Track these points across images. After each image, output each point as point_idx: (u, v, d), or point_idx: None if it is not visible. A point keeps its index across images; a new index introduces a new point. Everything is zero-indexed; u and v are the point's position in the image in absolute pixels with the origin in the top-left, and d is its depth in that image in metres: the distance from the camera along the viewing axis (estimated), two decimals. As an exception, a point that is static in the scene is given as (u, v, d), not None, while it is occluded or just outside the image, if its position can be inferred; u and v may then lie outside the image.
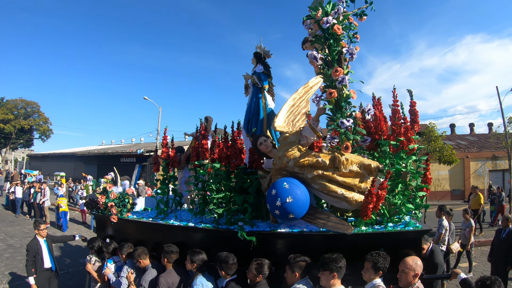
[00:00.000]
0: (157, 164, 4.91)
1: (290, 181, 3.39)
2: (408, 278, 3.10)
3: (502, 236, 6.60)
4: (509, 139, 17.90)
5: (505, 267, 6.28)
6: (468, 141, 28.27)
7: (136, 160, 30.83)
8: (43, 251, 5.64)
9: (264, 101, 5.02)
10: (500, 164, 23.97)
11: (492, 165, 24.39)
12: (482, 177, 24.22)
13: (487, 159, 24.36)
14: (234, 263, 3.46)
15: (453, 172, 23.71)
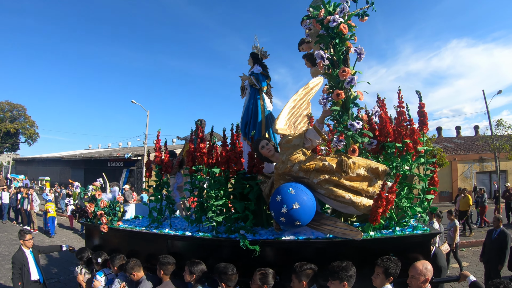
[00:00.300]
0: (150, 169, 4.64)
1: (296, 187, 3.21)
2: (419, 283, 3.00)
3: (493, 236, 6.68)
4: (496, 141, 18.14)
5: (497, 266, 6.34)
6: (455, 143, 28.67)
7: (124, 165, 30.38)
8: (29, 262, 5.30)
9: (262, 103, 4.83)
10: (487, 166, 24.36)
11: (479, 167, 24.73)
12: (469, 179, 24.50)
13: (474, 161, 24.70)
14: (234, 274, 3.24)
15: (440, 174, 23.59)
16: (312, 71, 5.09)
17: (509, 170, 23.05)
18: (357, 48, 3.47)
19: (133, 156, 29.36)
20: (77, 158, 36.62)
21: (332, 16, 3.40)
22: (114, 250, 4.54)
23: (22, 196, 15.10)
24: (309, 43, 4.88)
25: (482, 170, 24.74)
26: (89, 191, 4.84)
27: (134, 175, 29.28)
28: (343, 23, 3.43)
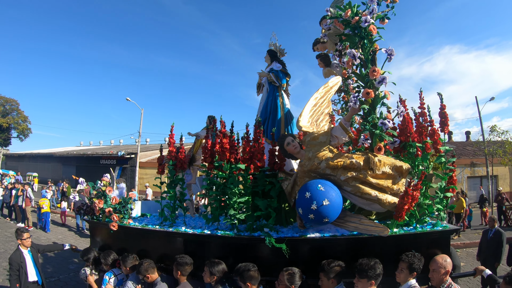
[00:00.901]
0: (162, 165, 4.51)
1: (324, 183, 3.21)
2: (440, 276, 3.10)
3: (489, 235, 7.05)
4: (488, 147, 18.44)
5: (494, 264, 6.65)
6: (446, 148, 28.99)
7: (117, 162, 30.26)
8: (27, 263, 5.07)
9: (281, 100, 4.81)
10: (478, 171, 24.71)
11: (470, 172, 25.06)
12: (461, 183, 24.79)
13: (465, 166, 25.00)
14: (256, 271, 3.19)
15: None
16: (325, 71, 5.11)
17: (499, 175, 23.43)
18: (387, 49, 3.49)
19: (126, 154, 29.35)
20: (69, 155, 36.49)
21: (364, 17, 3.45)
22: (122, 250, 4.41)
23: (16, 193, 14.68)
24: (324, 43, 4.91)
25: (473, 175, 25.10)
26: (99, 187, 4.69)
27: (127, 173, 29.23)
28: (373, 24, 3.45)
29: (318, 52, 5.17)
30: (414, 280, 3.02)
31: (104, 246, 4.80)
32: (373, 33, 3.51)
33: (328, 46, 5.03)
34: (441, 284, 3.09)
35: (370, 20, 3.44)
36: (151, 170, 29.18)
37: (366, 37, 3.54)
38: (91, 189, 4.80)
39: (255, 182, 3.77)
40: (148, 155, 32.02)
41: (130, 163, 29.28)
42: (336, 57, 5.01)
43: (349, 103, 3.71)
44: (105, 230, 4.68)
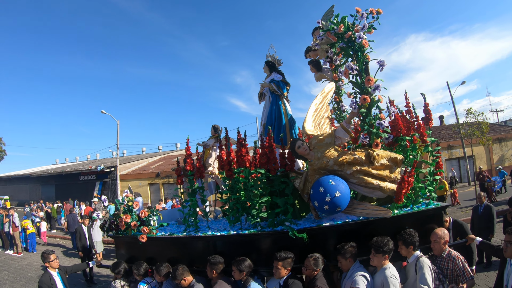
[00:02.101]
0: (181, 176, 4.91)
1: (334, 178, 3.76)
2: (440, 246, 3.73)
3: (480, 211, 7.74)
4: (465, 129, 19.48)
5: (488, 236, 7.31)
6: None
7: (96, 177, 30.11)
8: (57, 285, 5.20)
9: (284, 108, 5.36)
10: (455, 152, 25.96)
11: (448, 154, 26.26)
12: (440, 166, 25.91)
13: (442, 149, 26.15)
14: (293, 258, 3.71)
15: (412, 163, 25.26)
16: (317, 76, 5.69)
17: (476, 155, 24.66)
18: (379, 60, 4.08)
19: (105, 168, 29.20)
20: (47, 174, 35.89)
21: (357, 33, 4.03)
22: (151, 259, 4.79)
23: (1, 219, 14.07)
24: (315, 51, 5.48)
25: (451, 157, 26.35)
26: (124, 202, 5.05)
27: (108, 187, 29.04)
28: (365, 38, 4.04)
29: (310, 58, 5.73)
30: (418, 251, 3.61)
31: (131, 258, 5.08)
32: (366, 47, 4.09)
33: (319, 53, 5.59)
34: (442, 252, 3.74)
35: (363, 36, 4.03)
36: (132, 182, 29.22)
37: (359, 49, 4.13)
38: (118, 206, 5.11)
39: (272, 183, 4.26)
40: (127, 167, 31.93)
41: (110, 177, 29.21)
42: (327, 62, 5.60)
43: (349, 107, 4.29)
44: (131, 243, 5.02)
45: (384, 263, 3.45)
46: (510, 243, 3.52)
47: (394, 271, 3.42)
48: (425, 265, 3.44)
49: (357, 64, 4.16)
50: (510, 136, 28.07)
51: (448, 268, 3.67)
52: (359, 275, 3.43)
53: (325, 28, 4.48)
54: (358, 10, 4.26)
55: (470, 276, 3.60)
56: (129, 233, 4.98)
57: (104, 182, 29.75)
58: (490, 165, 25.17)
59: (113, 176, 28.65)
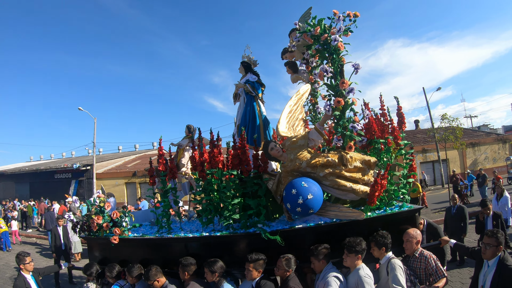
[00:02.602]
0: (153, 176, 4.79)
1: (307, 180, 3.74)
2: (413, 245, 3.80)
3: (453, 211, 8.06)
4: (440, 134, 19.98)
5: (461, 236, 7.67)
6: (398, 137, 30.79)
7: (72, 176, 29.43)
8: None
9: (258, 109, 5.32)
10: (430, 156, 26.60)
11: (423, 158, 26.89)
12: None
13: (417, 153, 26.78)
14: (265, 260, 3.68)
15: (386, 165, 25.77)
16: (293, 77, 5.67)
17: (450, 159, 25.33)
18: (354, 64, 4.08)
19: (81, 166, 28.54)
20: (21, 171, 34.65)
21: (333, 35, 4.02)
22: (124, 261, 4.66)
23: None
24: (292, 52, 5.47)
25: (425, 160, 27.00)
26: (95, 203, 4.92)
27: (84, 186, 28.49)
28: (341, 41, 4.03)
29: (286, 60, 5.72)
30: (390, 252, 3.64)
31: (104, 260, 4.96)
32: (341, 49, 4.08)
33: (295, 55, 5.58)
34: (414, 251, 3.81)
35: (339, 38, 4.02)
36: (108, 180, 28.75)
37: (335, 52, 4.11)
38: (90, 207, 4.96)
39: (245, 185, 4.21)
40: (104, 165, 31.45)
41: (86, 175, 28.62)
42: (303, 64, 5.60)
43: (323, 109, 4.28)
44: (104, 245, 4.89)
45: (357, 264, 3.45)
46: (489, 246, 3.60)
47: (368, 271, 3.43)
48: (396, 266, 3.47)
49: (331, 67, 4.16)
50: (483, 141, 29.12)
51: (421, 267, 3.73)
52: (332, 276, 3.42)
53: (301, 29, 4.48)
54: (336, 13, 4.27)
55: (443, 274, 3.67)
56: (101, 234, 4.84)
57: (80, 180, 29.05)
58: (463, 168, 25.89)
59: (89, 174, 28.05)
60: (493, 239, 3.59)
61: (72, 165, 29.20)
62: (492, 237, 3.61)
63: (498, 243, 3.57)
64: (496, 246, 3.58)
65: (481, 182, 14.86)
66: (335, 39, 4.00)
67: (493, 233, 3.63)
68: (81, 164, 28.81)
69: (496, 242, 3.58)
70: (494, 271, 3.55)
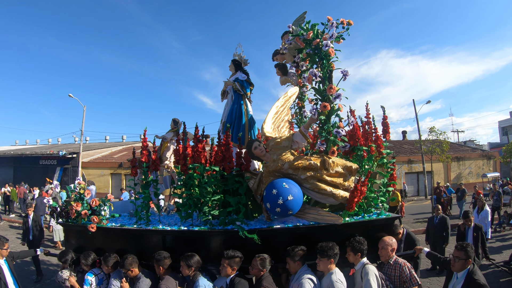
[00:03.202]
0: (136, 167, 4.77)
1: (288, 182, 3.77)
2: (387, 252, 3.86)
3: (435, 221, 8.22)
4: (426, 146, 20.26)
5: (443, 245, 7.87)
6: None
7: (57, 163, 28.95)
8: (5, 273, 4.97)
9: (245, 107, 5.34)
10: (415, 167, 26.98)
11: (408, 168, 27.25)
12: (399, 179, 26.85)
13: (403, 163, 27.12)
14: (241, 258, 3.70)
15: (372, 174, 26.01)
16: (282, 80, 5.71)
17: (435, 171, 25.63)
18: (343, 70, 4.13)
19: (67, 153, 28.19)
20: (5, 155, 33.92)
21: (325, 41, 4.06)
22: (100, 250, 4.64)
23: None
24: (283, 54, 5.49)
25: (410, 171, 27.38)
26: (75, 190, 4.86)
27: (69, 174, 28.05)
28: (332, 47, 4.07)
29: (277, 62, 5.74)
30: (365, 258, 3.68)
31: (80, 247, 4.93)
32: (332, 55, 4.13)
33: (286, 57, 5.62)
34: (389, 259, 3.86)
35: (330, 44, 4.06)
36: (94, 170, 28.63)
37: (325, 57, 4.16)
38: (69, 193, 4.90)
39: (226, 182, 4.22)
40: (90, 154, 31.06)
41: (71, 163, 28.25)
42: (293, 67, 5.63)
43: (309, 113, 4.31)
44: (81, 232, 4.83)
45: (330, 268, 3.49)
46: (458, 259, 3.67)
47: (340, 276, 3.46)
48: (370, 271, 3.50)
49: (321, 72, 4.20)
50: (468, 156, 29.63)
51: (395, 274, 3.78)
52: (305, 278, 3.45)
53: (294, 33, 4.51)
54: (330, 19, 4.31)
55: (416, 282, 3.71)
56: (79, 222, 4.77)
57: (65, 168, 28.62)
58: (447, 181, 26.28)
59: (75, 162, 27.64)
60: (462, 252, 3.66)
61: (58, 152, 28.79)
62: (461, 250, 3.68)
63: (467, 257, 3.64)
64: (465, 260, 3.65)
65: (460, 196, 15.12)
66: (326, 44, 4.05)
67: (463, 247, 3.70)
68: (67, 152, 28.44)
69: (465, 256, 3.65)
70: (462, 283, 3.62)
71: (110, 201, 4.94)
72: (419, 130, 21.74)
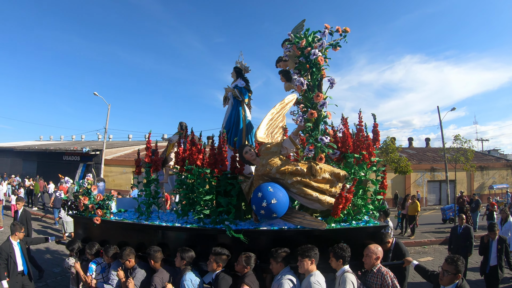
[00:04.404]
0: (139, 167, 5.09)
1: (273, 186, 3.93)
2: (372, 260, 3.88)
3: (459, 231, 8.16)
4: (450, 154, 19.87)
5: (466, 255, 7.70)
6: (408, 153, 30.57)
7: (80, 159, 29.55)
8: (16, 254, 5.58)
9: (243, 113, 5.54)
10: (438, 175, 26.36)
11: (431, 176, 26.65)
12: (421, 187, 26.34)
13: (426, 171, 26.58)
14: (228, 256, 3.91)
15: (395, 181, 25.61)
16: (286, 86, 5.86)
17: (457, 180, 24.98)
18: (330, 78, 4.26)
19: (91, 150, 28.62)
20: (30, 150, 35.03)
21: (313, 49, 4.19)
22: (104, 241, 5.00)
23: None
24: (286, 61, 5.65)
25: (433, 179, 26.75)
26: (84, 185, 5.24)
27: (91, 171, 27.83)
28: (320, 56, 4.22)
29: (280, 68, 5.91)
30: (347, 266, 3.73)
31: (86, 238, 5.34)
32: (321, 64, 4.26)
33: (289, 64, 5.77)
34: (373, 267, 3.89)
35: (318, 53, 4.18)
36: (116, 167, 29.02)
37: (315, 66, 4.29)
38: (77, 187, 5.31)
39: (219, 183, 4.45)
40: (113, 152, 31.43)
41: (94, 160, 28.69)
42: (295, 73, 5.79)
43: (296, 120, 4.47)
44: (88, 224, 5.24)
45: (311, 269, 3.59)
46: (448, 272, 3.62)
47: (319, 278, 3.55)
48: (347, 279, 3.57)
49: (308, 79, 4.34)
50: (492, 166, 28.71)
51: (377, 283, 3.82)
52: (285, 279, 3.59)
53: (293, 40, 4.66)
54: (327, 27, 4.45)
55: None
56: (86, 214, 5.17)
57: (88, 164, 29.11)
58: (470, 191, 25.60)
59: (98, 159, 28.11)
60: (453, 266, 3.60)
61: (81, 149, 29.37)
62: (452, 264, 3.62)
63: (457, 271, 3.59)
64: (455, 274, 3.59)
65: (474, 207, 14.61)
66: (314, 53, 4.17)
67: (453, 261, 3.64)
68: (90, 149, 28.97)
69: (455, 270, 3.59)
70: None
71: (114, 197, 5.26)
72: (443, 137, 21.32)
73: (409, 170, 21.46)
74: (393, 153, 21.35)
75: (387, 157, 21.30)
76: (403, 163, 20.92)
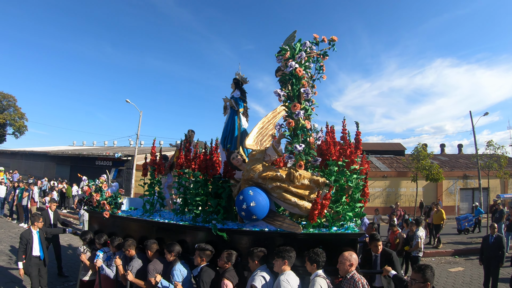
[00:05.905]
0: (146, 169, 5.68)
1: (254, 190, 4.28)
2: (345, 267, 3.93)
3: (491, 240, 8.06)
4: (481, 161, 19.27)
5: (498, 265, 7.74)
6: (440, 160, 29.68)
7: (112, 164, 30.18)
8: (34, 240, 6.36)
9: (239, 122, 5.98)
10: (471, 183, 25.41)
11: (463, 184, 25.74)
12: (454, 195, 25.53)
13: (458, 178, 25.73)
14: (211, 252, 4.31)
15: (426, 189, 25.02)
16: None
17: (491, 187, 24.03)
18: (305, 89, 4.54)
19: (123, 156, 29.28)
20: (64, 154, 36.14)
21: (290, 62, 4.52)
22: (112, 233, 5.63)
23: (20, 191, 14.51)
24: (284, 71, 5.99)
25: (465, 187, 25.81)
26: (97, 183, 5.89)
27: (123, 175, 29.13)
28: (298, 67, 4.53)
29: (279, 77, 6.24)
30: (321, 270, 3.88)
31: (98, 230, 6.02)
32: (299, 75, 4.55)
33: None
34: (347, 273, 3.94)
35: (294, 65, 4.49)
36: (147, 173, 29.75)
37: (294, 77, 4.59)
38: (90, 185, 5.97)
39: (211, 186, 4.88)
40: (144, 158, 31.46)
41: (126, 165, 29.27)
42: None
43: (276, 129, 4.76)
44: (99, 218, 5.88)
45: (284, 269, 3.85)
46: (415, 281, 3.55)
47: (290, 278, 3.79)
48: (316, 283, 3.72)
49: (286, 90, 4.63)
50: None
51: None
52: (259, 275, 3.90)
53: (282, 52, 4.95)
54: (316, 37, 4.72)
55: None
56: (98, 210, 5.84)
57: (119, 169, 29.74)
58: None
59: (129, 165, 28.63)
60: (419, 275, 3.53)
61: (113, 154, 30.12)
62: (419, 272, 3.54)
63: (425, 280, 3.50)
64: (423, 283, 3.51)
65: (498, 217, 13.66)
66: (291, 65, 4.48)
67: (421, 269, 3.56)
68: (122, 154, 29.70)
69: (423, 279, 3.51)
70: None
71: (121, 194, 5.83)
72: (476, 143, 20.57)
73: (441, 178, 20.95)
74: (425, 160, 20.93)
75: (418, 164, 20.96)
76: (434, 170, 20.48)
